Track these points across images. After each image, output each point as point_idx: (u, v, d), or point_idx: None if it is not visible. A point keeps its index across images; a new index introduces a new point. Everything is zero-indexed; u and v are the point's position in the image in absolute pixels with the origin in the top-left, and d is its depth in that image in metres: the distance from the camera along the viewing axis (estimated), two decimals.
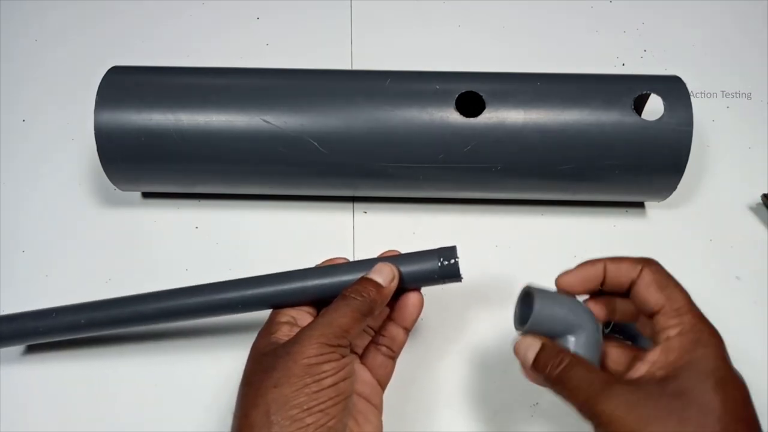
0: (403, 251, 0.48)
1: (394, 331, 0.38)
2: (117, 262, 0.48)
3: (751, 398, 0.30)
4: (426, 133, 0.44)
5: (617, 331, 0.41)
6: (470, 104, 0.44)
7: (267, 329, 0.35)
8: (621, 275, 0.34)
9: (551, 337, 0.34)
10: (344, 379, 0.32)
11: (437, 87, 0.45)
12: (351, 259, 0.48)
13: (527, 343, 0.34)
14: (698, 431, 0.28)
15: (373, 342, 0.38)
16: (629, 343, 0.39)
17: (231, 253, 0.48)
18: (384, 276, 0.35)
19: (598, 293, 0.36)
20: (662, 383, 0.30)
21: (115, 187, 0.48)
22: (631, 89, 0.44)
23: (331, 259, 0.39)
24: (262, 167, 0.46)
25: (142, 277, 0.46)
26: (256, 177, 0.47)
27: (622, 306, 0.35)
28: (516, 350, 0.34)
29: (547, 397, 0.41)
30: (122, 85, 0.45)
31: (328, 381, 0.31)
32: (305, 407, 0.30)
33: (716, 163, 0.53)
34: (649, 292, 0.33)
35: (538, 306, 0.33)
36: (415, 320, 0.38)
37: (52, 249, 0.49)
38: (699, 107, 0.44)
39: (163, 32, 0.62)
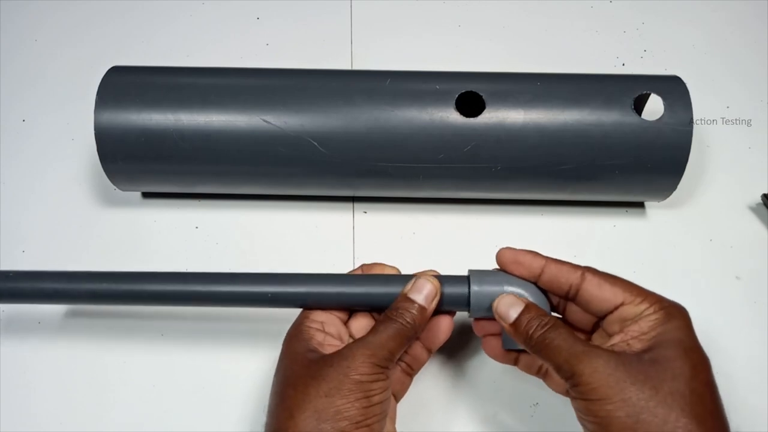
0: (404, 251, 0.48)
1: (419, 350, 0.38)
2: (117, 262, 0.48)
3: (711, 366, 0.32)
4: (426, 133, 0.44)
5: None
6: (470, 104, 0.44)
7: (298, 334, 0.36)
8: (561, 276, 0.35)
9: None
10: (387, 399, 0.33)
11: (437, 87, 0.45)
12: (354, 262, 0.48)
13: (509, 301, 0.35)
14: (670, 394, 0.29)
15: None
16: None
17: (231, 253, 0.48)
18: (426, 295, 0.36)
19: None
20: (638, 354, 0.31)
21: (115, 187, 0.48)
22: (631, 89, 0.44)
23: (369, 265, 0.40)
24: (262, 167, 0.46)
25: None
26: (256, 177, 0.47)
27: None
28: (496, 308, 0.35)
29: (547, 397, 0.41)
30: (122, 85, 0.45)
31: (377, 398, 0.32)
32: (355, 420, 0.31)
33: (716, 163, 0.53)
34: (603, 291, 0.34)
35: (476, 288, 0.36)
36: (441, 344, 0.38)
37: (52, 249, 0.49)
38: (699, 107, 0.44)
39: (163, 32, 0.62)
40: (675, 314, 0.33)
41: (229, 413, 0.41)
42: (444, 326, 0.38)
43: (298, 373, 0.33)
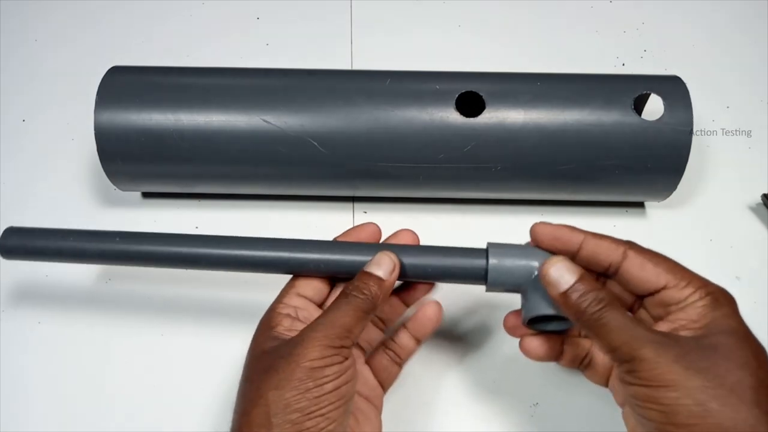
0: None
1: (406, 339, 0.38)
2: None
3: None
4: (426, 133, 0.44)
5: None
6: (470, 104, 0.44)
7: (267, 321, 0.35)
8: (600, 253, 0.33)
9: (515, 290, 0.34)
10: (346, 383, 0.31)
11: (437, 87, 0.45)
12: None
13: (564, 266, 0.32)
14: (738, 383, 0.28)
15: (382, 344, 0.38)
16: None
17: None
18: (384, 268, 0.34)
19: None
20: (695, 339, 0.29)
21: (115, 187, 0.48)
22: (631, 89, 0.44)
23: (359, 226, 0.38)
24: (262, 167, 0.46)
25: (143, 276, 0.46)
26: (256, 177, 0.47)
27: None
28: (546, 272, 0.32)
29: (547, 397, 0.41)
30: (122, 85, 0.45)
31: (330, 386, 0.30)
32: (306, 412, 0.29)
33: (716, 163, 0.53)
34: (645, 272, 0.32)
35: (494, 260, 0.34)
36: (430, 333, 0.38)
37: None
38: (699, 107, 0.44)
39: (163, 32, 0.62)
40: (722, 300, 0.31)
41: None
42: (431, 313, 0.37)
43: (254, 367, 0.32)
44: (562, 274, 0.32)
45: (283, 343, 0.32)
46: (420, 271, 0.36)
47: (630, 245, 0.33)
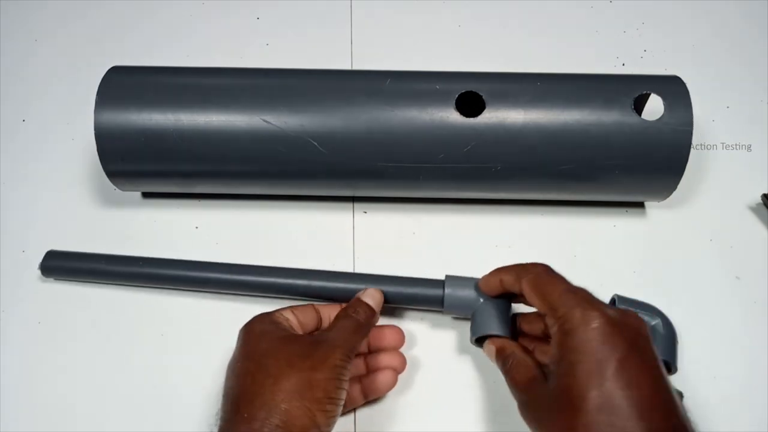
0: (404, 251, 0.48)
1: (356, 393, 0.40)
2: None
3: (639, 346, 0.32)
4: (426, 133, 0.44)
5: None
6: (470, 104, 0.44)
7: (267, 317, 0.38)
8: (511, 286, 0.38)
9: (471, 311, 0.41)
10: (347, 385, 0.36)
11: (437, 87, 0.45)
12: (355, 262, 0.48)
13: (487, 350, 0.40)
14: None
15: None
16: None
17: (231, 253, 0.48)
18: (376, 302, 0.41)
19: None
20: (556, 378, 0.32)
21: (115, 187, 0.48)
22: (631, 89, 0.44)
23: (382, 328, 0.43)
24: (262, 167, 0.46)
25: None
26: (256, 177, 0.47)
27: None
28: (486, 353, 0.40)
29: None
30: (122, 85, 0.45)
31: (346, 384, 0.35)
32: (329, 396, 0.34)
33: (716, 163, 0.53)
34: (533, 301, 0.36)
35: (449, 290, 0.42)
36: (380, 395, 0.41)
37: (52, 249, 0.49)
38: (699, 107, 0.44)
39: (163, 32, 0.62)
40: (573, 322, 0.32)
41: None
42: (384, 379, 0.40)
43: (278, 347, 0.35)
44: (489, 355, 0.40)
45: (308, 336, 0.38)
46: (391, 297, 0.43)
47: (525, 270, 0.38)
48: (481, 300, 0.41)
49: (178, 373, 0.43)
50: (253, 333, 0.37)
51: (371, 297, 0.41)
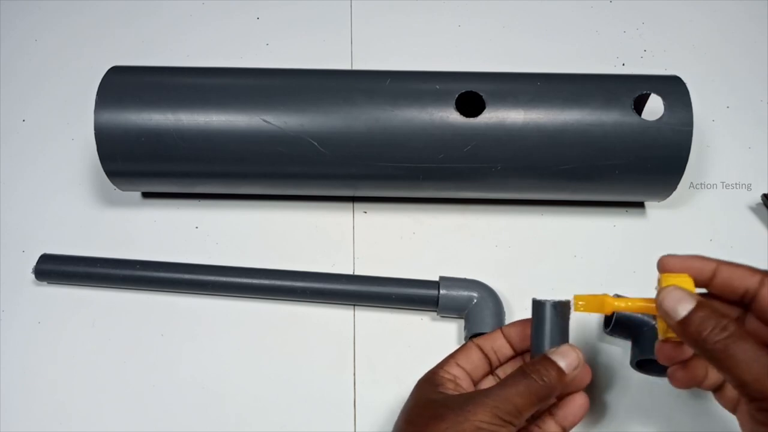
0: (404, 251, 0.48)
1: (552, 428, 0.35)
2: None
3: None
4: (426, 133, 0.44)
5: (618, 329, 0.41)
6: (470, 104, 0.44)
7: (431, 378, 0.36)
8: (735, 279, 0.31)
9: (465, 311, 0.42)
10: None
11: (437, 87, 0.45)
12: (354, 262, 0.48)
13: (678, 295, 0.30)
14: None
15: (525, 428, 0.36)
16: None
17: (231, 253, 0.48)
18: (568, 361, 0.33)
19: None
20: None
21: (115, 187, 0.48)
22: (631, 89, 0.44)
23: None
24: (262, 167, 0.46)
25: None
26: (256, 177, 0.47)
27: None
28: (661, 302, 0.30)
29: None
30: (122, 85, 0.45)
31: None
32: None
33: (716, 163, 0.53)
34: None
35: (444, 290, 0.42)
36: (577, 423, 0.35)
37: (53, 249, 0.48)
38: (699, 107, 0.44)
39: (163, 32, 0.62)
40: None
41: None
42: (579, 402, 0.35)
43: (419, 412, 0.33)
44: (678, 302, 0.29)
45: (451, 397, 0.33)
46: (385, 299, 0.44)
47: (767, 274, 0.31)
48: (475, 300, 0.42)
49: (178, 374, 0.43)
50: (410, 394, 0.36)
51: (564, 357, 0.33)
